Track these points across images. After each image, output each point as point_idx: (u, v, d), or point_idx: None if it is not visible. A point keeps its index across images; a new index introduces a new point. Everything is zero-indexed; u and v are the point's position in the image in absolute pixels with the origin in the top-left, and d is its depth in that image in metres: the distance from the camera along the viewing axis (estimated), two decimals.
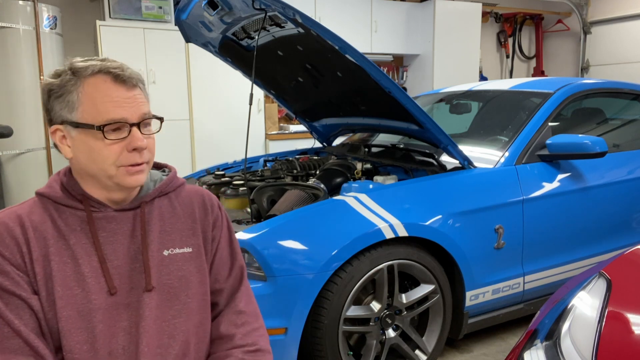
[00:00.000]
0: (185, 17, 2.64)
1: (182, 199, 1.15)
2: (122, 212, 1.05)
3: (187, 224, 1.12)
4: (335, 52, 2.11)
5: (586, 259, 2.57)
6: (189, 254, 1.10)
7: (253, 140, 5.03)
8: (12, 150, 4.10)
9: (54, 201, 1.02)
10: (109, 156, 0.97)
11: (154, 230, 1.07)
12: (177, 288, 1.06)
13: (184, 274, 1.08)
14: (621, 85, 2.95)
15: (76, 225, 1.01)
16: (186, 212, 1.14)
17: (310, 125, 3.41)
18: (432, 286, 2.15)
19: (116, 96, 0.97)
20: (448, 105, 3.24)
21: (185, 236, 1.11)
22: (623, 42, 6.75)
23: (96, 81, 0.97)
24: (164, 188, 1.12)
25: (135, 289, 1.02)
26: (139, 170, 1.01)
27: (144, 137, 1.01)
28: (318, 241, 1.91)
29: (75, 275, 0.98)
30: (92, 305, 0.98)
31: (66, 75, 0.98)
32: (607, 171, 2.59)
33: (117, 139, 0.98)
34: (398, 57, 6.37)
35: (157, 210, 1.09)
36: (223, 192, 2.57)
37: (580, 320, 1.26)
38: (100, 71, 0.97)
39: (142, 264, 1.03)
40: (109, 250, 1.01)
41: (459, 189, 2.22)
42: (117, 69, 0.98)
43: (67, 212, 1.01)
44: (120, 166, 0.99)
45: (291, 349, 1.91)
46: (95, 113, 0.96)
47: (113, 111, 0.97)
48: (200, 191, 1.19)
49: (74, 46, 4.77)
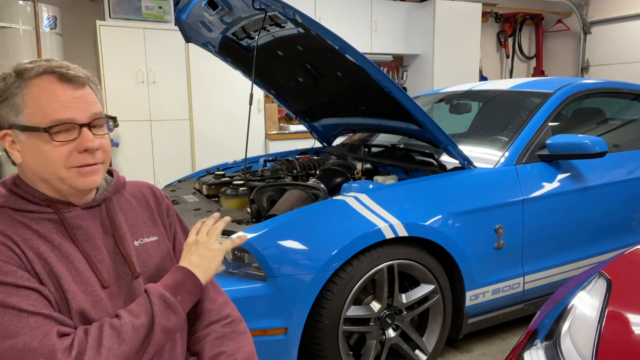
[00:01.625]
0: (185, 17, 2.64)
1: (134, 192, 1.18)
2: (90, 210, 1.05)
3: (146, 214, 1.16)
4: (335, 52, 2.11)
5: (586, 259, 2.56)
6: (156, 242, 1.15)
7: (253, 140, 5.03)
8: None
9: (14, 209, 0.98)
10: (58, 158, 0.95)
11: (122, 224, 1.09)
12: (156, 275, 1.10)
13: (157, 261, 1.13)
14: (621, 85, 2.95)
15: (52, 227, 0.99)
16: (142, 204, 1.17)
17: (310, 125, 3.41)
18: (432, 286, 2.15)
19: (62, 96, 0.95)
20: (448, 105, 3.23)
21: (148, 226, 1.15)
22: (623, 42, 6.75)
23: (41, 82, 0.95)
24: (116, 185, 1.13)
25: (123, 279, 1.05)
26: (91, 170, 0.99)
27: (96, 137, 0.98)
28: (318, 241, 1.91)
29: (72, 271, 0.98)
30: (95, 297, 0.99)
31: (10, 78, 0.96)
32: (607, 171, 2.59)
33: (66, 141, 0.95)
34: (398, 57, 6.37)
35: (117, 205, 1.11)
36: (223, 192, 2.57)
37: (580, 320, 1.25)
38: (45, 72, 0.95)
39: (121, 256, 1.05)
40: (89, 247, 1.02)
41: (459, 189, 2.22)
42: (62, 68, 0.96)
43: (36, 218, 0.99)
44: (71, 167, 0.96)
45: (291, 349, 1.91)
46: (42, 115, 0.94)
47: (60, 111, 0.94)
48: (144, 183, 1.24)
49: (74, 46, 4.77)
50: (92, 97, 1.00)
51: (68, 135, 0.95)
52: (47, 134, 0.94)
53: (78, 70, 0.98)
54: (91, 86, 1.01)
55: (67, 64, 0.98)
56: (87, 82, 1.00)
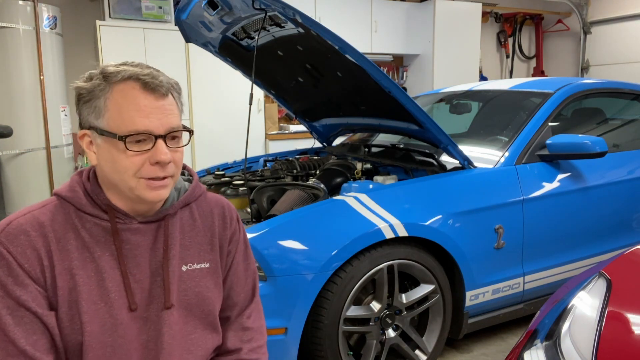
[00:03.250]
0: (185, 17, 2.64)
1: (203, 209, 1.12)
2: (146, 225, 1.01)
3: (206, 237, 1.10)
4: (335, 52, 2.11)
5: (586, 259, 2.56)
6: (206, 270, 1.08)
7: (253, 140, 5.03)
8: (12, 150, 4.10)
9: (77, 208, 0.98)
10: (129, 167, 0.93)
11: (175, 245, 1.04)
12: (194, 304, 1.05)
13: (201, 289, 1.06)
14: (621, 85, 2.95)
15: (100, 236, 0.97)
16: (206, 224, 1.11)
17: (310, 125, 3.41)
18: (432, 286, 2.15)
19: (143, 105, 0.93)
20: (448, 105, 3.23)
21: (203, 251, 1.09)
22: (623, 42, 6.75)
23: (125, 88, 0.93)
24: (188, 199, 1.08)
25: (155, 305, 1.00)
26: (161, 185, 0.96)
27: (170, 150, 0.96)
28: (318, 241, 1.91)
29: (99, 289, 0.95)
30: (114, 321, 0.96)
31: (97, 79, 0.94)
32: (607, 171, 2.59)
33: (140, 151, 0.93)
34: (398, 57, 6.37)
35: (179, 222, 1.06)
36: (223, 192, 2.57)
37: (580, 320, 1.25)
38: (130, 77, 0.93)
39: (162, 279, 1.01)
40: (132, 264, 0.99)
41: (459, 189, 2.22)
42: (147, 75, 0.94)
43: (90, 222, 0.97)
44: (141, 178, 0.94)
45: (291, 349, 1.91)
46: (120, 122, 0.92)
47: (138, 121, 0.92)
48: (220, 202, 1.16)
49: (74, 46, 4.77)
50: (173, 108, 0.97)
51: (143, 145, 0.93)
52: (121, 142, 0.92)
53: (163, 79, 0.96)
54: (174, 95, 0.99)
55: (153, 72, 0.96)
56: (170, 91, 0.97)
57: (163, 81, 0.95)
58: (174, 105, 0.98)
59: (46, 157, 4.27)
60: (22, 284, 0.90)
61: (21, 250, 0.91)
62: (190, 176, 1.15)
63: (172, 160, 0.97)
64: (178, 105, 1.00)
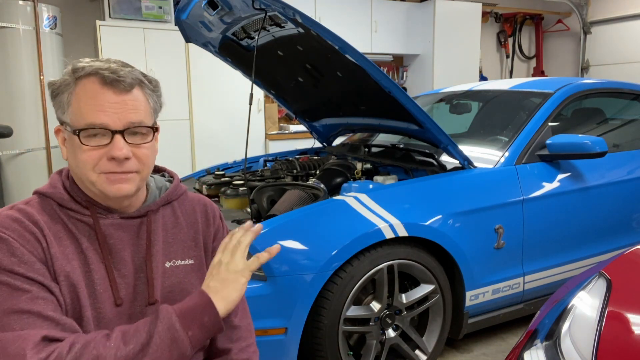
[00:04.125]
0: (185, 17, 2.64)
1: (185, 207, 1.13)
2: (128, 220, 1.02)
3: (189, 234, 1.10)
4: (335, 52, 2.11)
5: (586, 259, 2.56)
6: (190, 266, 1.09)
7: (253, 140, 5.03)
8: (12, 150, 4.10)
9: (58, 203, 0.98)
10: (87, 162, 0.93)
11: (158, 241, 1.04)
12: (179, 301, 1.03)
13: (185, 286, 1.06)
14: (621, 85, 2.95)
15: (84, 230, 0.98)
16: (189, 222, 1.11)
17: (310, 125, 3.41)
18: (432, 286, 2.15)
19: (102, 100, 0.92)
20: (448, 105, 3.23)
21: (187, 247, 1.09)
22: (623, 42, 6.75)
23: (86, 83, 0.93)
24: (169, 196, 1.09)
25: (139, 300, 1.00)
26: (120, 178, 0.95)
27: (132, 146, 0.95)
28: (318, 241, 1.91)
29: (87, 281, 0.95)
30: (98, 315, 0.96)
31: (66, 75, 0.95)
32: (607, 171, 2.59)
33: (96, 146, 0.93)
34: (398, 57, 6.37)
35: (161, 220, 1.07)
36: (223, 192, 2.57)
37: (580, 320, 1.25)
38: (91, 73, 0.93)
39: (146, 275, 1.01)
40: (117, 258, 0.99)
41: (459, 189, 2.22)
42: (107, 70, 0.93)
43: (73, 217, 0.98)
44: (100, 173, 0.94)
45: (291, 349, 1.90)
46: (79, 116, 0.93)
47: (94, 116, 0.92)
48: (202, 200, 1.17)
49: (74, 46, 4.77)
50: (137, 103, 0.95)
51: (99, 140, 0.93)
52: (76, 136, 0.93)
53: (125, 74, 0.94)
54: (144, 91, 0.98)
55: (117, 68, 0.94)
56: (137, 86, 0.96)
57: (124, 76, 0.94)
58: (139, 101, 0.97)
59: (46, 157, 4.27)
60: (28, 262, 0.89)
61: (19, 234, 0.91)
62: (171, 177, 1.17)
63: (135, 156, 0.96)
64: (149, 102, 0.99)
